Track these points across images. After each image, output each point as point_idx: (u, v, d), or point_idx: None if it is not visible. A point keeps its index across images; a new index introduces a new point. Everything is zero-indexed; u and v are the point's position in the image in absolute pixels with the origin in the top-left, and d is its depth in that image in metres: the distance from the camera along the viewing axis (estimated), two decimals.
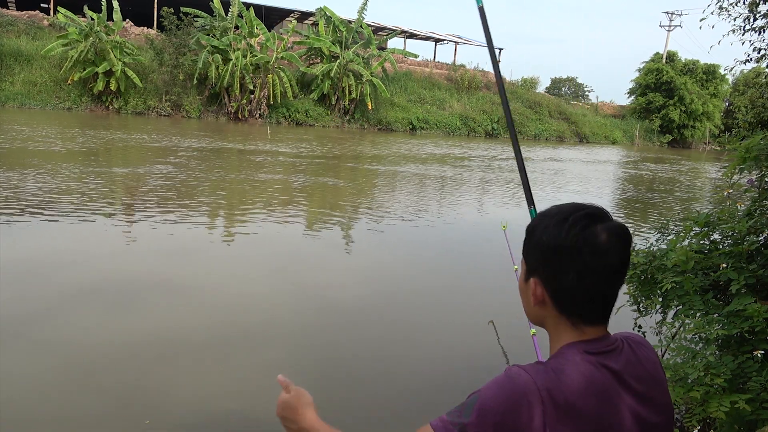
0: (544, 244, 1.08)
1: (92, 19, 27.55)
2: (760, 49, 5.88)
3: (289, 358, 4.64)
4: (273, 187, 12.61)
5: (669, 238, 3.38)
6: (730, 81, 46.71)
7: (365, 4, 33.30)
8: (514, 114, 40.06)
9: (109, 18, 28.46)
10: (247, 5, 31.56)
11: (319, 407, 1.21)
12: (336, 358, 4.69)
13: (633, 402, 1.04)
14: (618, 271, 1.06)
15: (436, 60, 44.09)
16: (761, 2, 5.31)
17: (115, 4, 28.00)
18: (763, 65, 6.28)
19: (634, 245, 3.36)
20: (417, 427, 1.07)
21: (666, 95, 45.53)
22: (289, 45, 32.28)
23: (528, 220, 1.26)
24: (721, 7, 5.49)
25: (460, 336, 5.26)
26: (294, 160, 17.30)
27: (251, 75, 30.00)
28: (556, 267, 1.07)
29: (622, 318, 3.39)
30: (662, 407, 1.09)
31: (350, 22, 34.21)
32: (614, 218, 1.09)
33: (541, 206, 1.28)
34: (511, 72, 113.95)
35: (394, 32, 38.48)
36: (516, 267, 2.73)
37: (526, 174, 2.15)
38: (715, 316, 2.68)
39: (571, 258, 1.04)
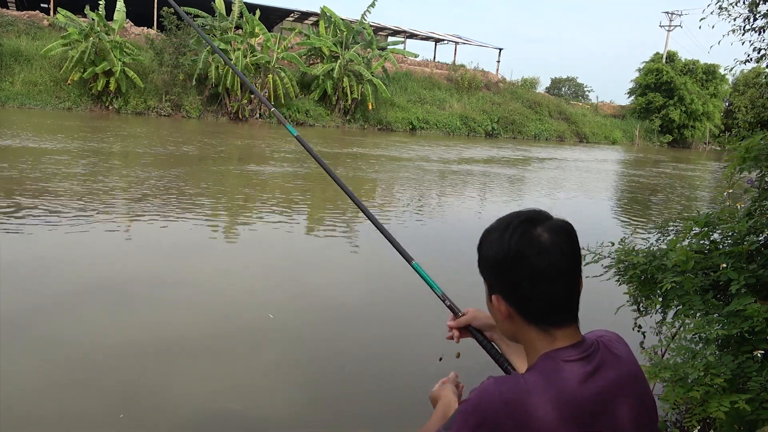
0: (491, 258, 1.09)
1: (93, 19, 27.52)
2: (760, 49, 5.87)
3: (289, 357, 4.64)
4: (273, 186, 12.61)
5: (669, 238, 3.39)
6: (730, 81, 46.70)
7: (370, 6, 33.29)
8: (515, 114, 40.10)
9: (109, 18, 28.44)
10: (249, 5, 31.55)
11: (320, 406, 1.22)
12: (336, 357, 4.69)
13: (617, 402, 1.03)
14: (569, 267, 1.06)
15: (436, 60, 44.07)
16: (761, 2, 5.30)
17: (120, 5, 27.98)
18: (763, 65, 6.27)
19: (634, 245, 3.37)
20: (417, 426, 1.09)
21: (666, 95, 45.51)
22: (289, 45, 32.29)
23: None
24: (721, 7, 5.48)
25: None
26: (297, 158, 17.31)
27: (252, 75, 30.00)
28: (508, 278, 1.07)
29: (622, 318, 3.41)
30: (644, 401, 1.09)
31: (351, 22, 34.21)
32: (555, 217, 1.09)
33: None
34: (511, 72, 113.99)
35: (394, 32, 38.47)
36: None
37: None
38: (715, 316, 2.68)
39: (519, 265, 1.05)
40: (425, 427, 1.21)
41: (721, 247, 3.03)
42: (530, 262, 1.04)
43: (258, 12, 30.87)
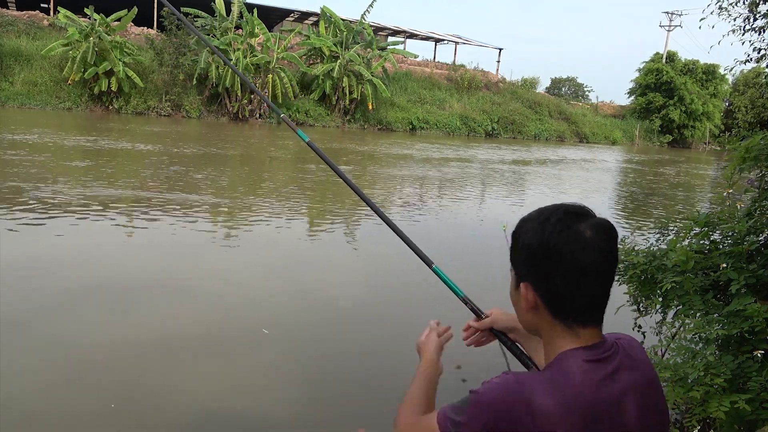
0: (529, 247, 1.07)
1: (94, 19, 27.49)
2: (760, 49, 5.87)
3: (289, 357, 4.64)
4: (274, 185, 12.61)
5: (669, 238, 3.39)
6: (730, 81, 46.73)
7: (369, 6, 33.30)
8: (515, 114, 40.10)
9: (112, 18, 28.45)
10: (249, 6, 31.56)
11: (320, 406, 1.22)
12: (336, 357, 4.69)
13: (630, 406, 1.04)
14: (607, 267, 1.04)
15: (436, 60, 44.06)
16: (761, 2, 5.31)
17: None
18: (763, 65, 6.28)
19: (634, 245, 3.37)
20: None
21: (666, 95, 45.52)
22: (289, 45, 32.30)
23: None
24: (721, 7, 5.48)
25: (459, 333, 5.25)
26: (298, 158, 17.32)
27: (252, 75, 30.00)
28: (544, 269, 1.05)
29: (622, 318, 3.40)
30: (658, 407, 1.09)
31: (351, 22, 34.21)
32: (597, 215, 1.07)
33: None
34: (511, 72, 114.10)
35: (394, 32, 38.49)
36: None
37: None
38: (715, 316, 2.68)
39: (558, 258, 1.03)
40: (409, 394, 1.22)
41: (721, 247, 3.03)
42: (572, 257, 1.02)
43: (257, 12, 30.88)
